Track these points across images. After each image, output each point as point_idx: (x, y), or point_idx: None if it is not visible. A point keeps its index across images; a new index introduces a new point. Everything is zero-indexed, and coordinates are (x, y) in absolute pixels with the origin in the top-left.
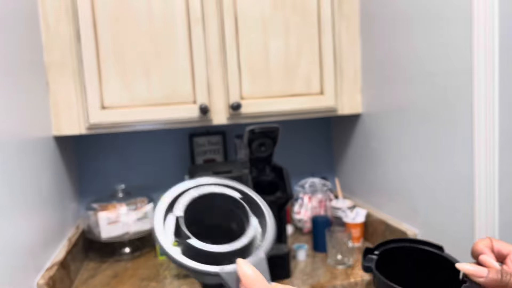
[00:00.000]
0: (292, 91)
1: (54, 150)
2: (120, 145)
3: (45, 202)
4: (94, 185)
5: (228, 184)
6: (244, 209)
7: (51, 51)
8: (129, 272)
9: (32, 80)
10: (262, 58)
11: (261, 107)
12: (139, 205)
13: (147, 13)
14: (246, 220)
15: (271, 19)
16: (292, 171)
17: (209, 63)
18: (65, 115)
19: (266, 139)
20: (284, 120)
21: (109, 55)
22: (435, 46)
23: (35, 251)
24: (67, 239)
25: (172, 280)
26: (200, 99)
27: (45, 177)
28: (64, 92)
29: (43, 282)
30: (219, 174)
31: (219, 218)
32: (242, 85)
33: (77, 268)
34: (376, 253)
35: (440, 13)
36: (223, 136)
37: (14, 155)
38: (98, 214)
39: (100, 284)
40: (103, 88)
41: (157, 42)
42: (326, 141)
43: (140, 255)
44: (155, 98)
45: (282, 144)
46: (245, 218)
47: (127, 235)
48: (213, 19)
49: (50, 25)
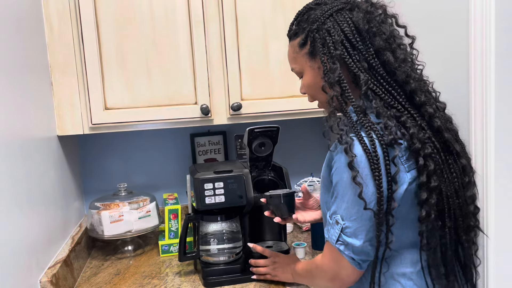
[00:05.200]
0: (292, 91)
1: (58, 150)
2: (123, 144)
3: (48, 200)
4: (97, 184)
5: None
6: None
7: (54, 52)
8: (131, 270)
9: (36, 81)
10: (262, 59)
11: (261, 107)
12: (142, 204)
13: (149, 15)
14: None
15: (271, 20)
16: (292, 171)
17: (210, 64)
18: (68, 115)
19: (266, 139)
20: (284, 120)
21: (111, 56)
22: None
23: (38, 249)
24: (71, 237)
25: (174, 278)
26: (201, 100)
27: (48, 176)
28: (68, 92)
29: (46, 279)
30: (219, 173)
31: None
32: (243, 86)
33: (80, 266)
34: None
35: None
36: (224, 136)
37: (19, 155)
38: (101, 213)
39: (102, 282)
40: (106, 89)
41: (159, 43)
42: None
43: (143, 253)
44: (157, 98)
45: (282, 144)
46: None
47: (129, 233)
48: (214, 20)
49: (53, 27)
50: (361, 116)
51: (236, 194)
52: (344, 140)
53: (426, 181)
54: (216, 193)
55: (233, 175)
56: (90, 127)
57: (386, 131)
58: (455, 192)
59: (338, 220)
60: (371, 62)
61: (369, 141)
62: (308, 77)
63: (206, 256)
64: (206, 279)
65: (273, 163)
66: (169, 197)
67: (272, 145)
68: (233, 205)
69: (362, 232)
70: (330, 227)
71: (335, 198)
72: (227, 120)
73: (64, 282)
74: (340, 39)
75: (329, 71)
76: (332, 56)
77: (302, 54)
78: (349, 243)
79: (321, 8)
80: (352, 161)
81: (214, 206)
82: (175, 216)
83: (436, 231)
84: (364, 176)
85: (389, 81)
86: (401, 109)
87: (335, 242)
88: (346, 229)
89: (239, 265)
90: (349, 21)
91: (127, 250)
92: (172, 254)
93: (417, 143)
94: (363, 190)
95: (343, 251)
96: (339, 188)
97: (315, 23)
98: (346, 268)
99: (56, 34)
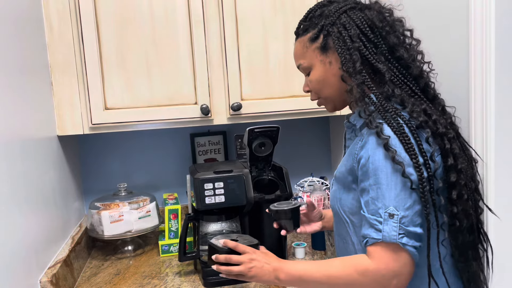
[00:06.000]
0: (292, 92)
1: (58, 150)
2: (123, 144)
3: (48, 200)
4: (97, 184)
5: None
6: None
7: (54, 52)
8: (131, 270)
9: (36, 81)
10: (262, 59)
11: (261, 107)
12: (142, 204)
13: (149, 15)
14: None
15: (271, 21)
16: (292, 171)
17: (210, 64)
18: (68, 115)
19: (266, 139)
20: (284, 120)
21: (111, 56)
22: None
23: (38, 249)
24: (71, 237)
25: (174, 278)
26: (201, 100)
27: (49, 176)
28: (68, 92)
29: (46, 279)
30: (219, 173)
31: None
32: (243, 86)
33: (80, 266)
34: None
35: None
36: (224, 136)
37: (19, 155)
38: (101, 213)
39: (102, 282)
40: (106, 89)
41: (159, 43)
42: (325, 141)
43: (142, 253)
44: (157, 99)
45: (282, 144)
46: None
47: (129, 233)
48: (214, 20)
49: (53, 27)
50: (384, 103)
51: (236, 194)
52: (374, 124)
53: (454, 163)
54: (216, 193)
55: (233, 175)
56: (90, 127)
57: (414, 114)
58: (472, 177)
59: (392, 212)
60: (387, 55)
61: (396, 124)
62: (317, 71)
63: (206, 256)
64: (206, 279)
65: (273, 163)
66: (169, 197)
67: (272, 145)
68: (233, 205)
69: (418, 217)
70: (383, 225)
71: (378, 189)
72: (227, 120)
73: (64, 282)
74: (356, 33)
75: (349, 61)
76: (349, 48)
77: (312, 49)
78: (410, 231)
79: (334, 6)
80: (387, 143)
81: (214, 206)
82: (175, 216)
83: (468, 212)
84: (401, 155)
85: (405, 74)
86: (419, 99)
87: (397, 237)
88: (403, 219)
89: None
90: (362, 18)
91: (127, 250)
92: (172, 254)
93: (441, 128)
94: (405, 170)
95: (406, 243)
96: (380, 177)
97: (329, 17)
98: (408, 264)
99: (56, 34)
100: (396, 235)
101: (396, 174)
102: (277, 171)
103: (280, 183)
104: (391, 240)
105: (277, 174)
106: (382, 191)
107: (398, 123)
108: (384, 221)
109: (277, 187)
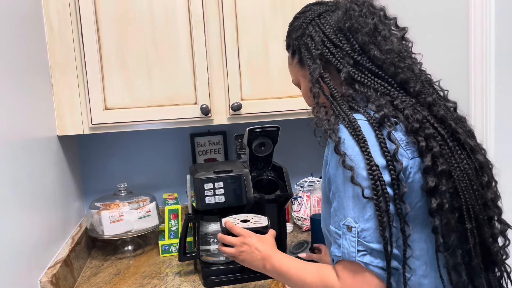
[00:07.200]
0: (292, 91)
1: (58, 150)
2: (123, 144)
3: (48, 200)
4: (97, 184)
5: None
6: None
7: (54, 52)
8: (131, 270)
9: (36, 81)
10: (262, 59)
11: (261, 107)
12: (142, 204)
13: (149, 15)
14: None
15: (271, 21)
16: (292, 171)
17: (210, 64)
18: (68, 115)
19: (266, 139)
20: (284, 120)
21: (111, 56)
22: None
23: (38, 249)
24: (71, 237)
25: (174, 278)
26: (201, 100)
27: (49, 176)
28: (68, 92)
29: (46, 279)
30: (219, 173)
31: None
32: (243, 86)
33: (80, 266)
34: None
35: None
36: (223, 136)
37: (19, 155)
38: (101, 213)
39: (102, 282)
40: (106, 88)
41: (159, 43)
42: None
43: (143, 253)
44: (157, 99)
45: (282, 144)
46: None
47: (129, 233)
48: (214, 20)
49: (53, 27)
50: (345, 103)
51: (236, 194)
52: (330, 127)
53: (432, 164)
54: (216, 193)
55: (233, 175)
56: (90, 127)
57: (378, 108)
58: (470, 185)
59: (349, 225)
60: (357, 58)
61: (355, 122)
62: (302, 86)
63: (206, 256)
64: (206, 279)
65: (273, 163)
66: (169, 197)
67: (272, 145)
68: (233, 205)
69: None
70: (342, 240)
71: (338, 198)
72: (227, 120)
73: (64, 282)
74: (320, 40)
75: (312, 71)
76: (313, 56)
77: (294, 65)
78: (374, 248)
79: (304, 15)
80: (338, 145)
81: (214, 206)
82: (175, 216)
83: (452, 227)
84: (354, 158)
85: (378, 73)
86: (395, 95)
87: (356, 255)
88: (363, 233)
89: (239, 265)
90: (330, 22)
91: (127, 250)
92: (172, 254)
93: (414, 123)
94: (355, 173)
95: (369, 263)
96: (338, 183)
97: (299, 30)
98: (375, 286)
99: (56, 34)
100: (355, 252)
101: (347, 180)
102: (277, 171)
103: (280, 183)
104: (350, 258)
105: (277, 174)
106: (341, 200)
107: (353, 121)
108: (343, 235)
109: (277, 187)
